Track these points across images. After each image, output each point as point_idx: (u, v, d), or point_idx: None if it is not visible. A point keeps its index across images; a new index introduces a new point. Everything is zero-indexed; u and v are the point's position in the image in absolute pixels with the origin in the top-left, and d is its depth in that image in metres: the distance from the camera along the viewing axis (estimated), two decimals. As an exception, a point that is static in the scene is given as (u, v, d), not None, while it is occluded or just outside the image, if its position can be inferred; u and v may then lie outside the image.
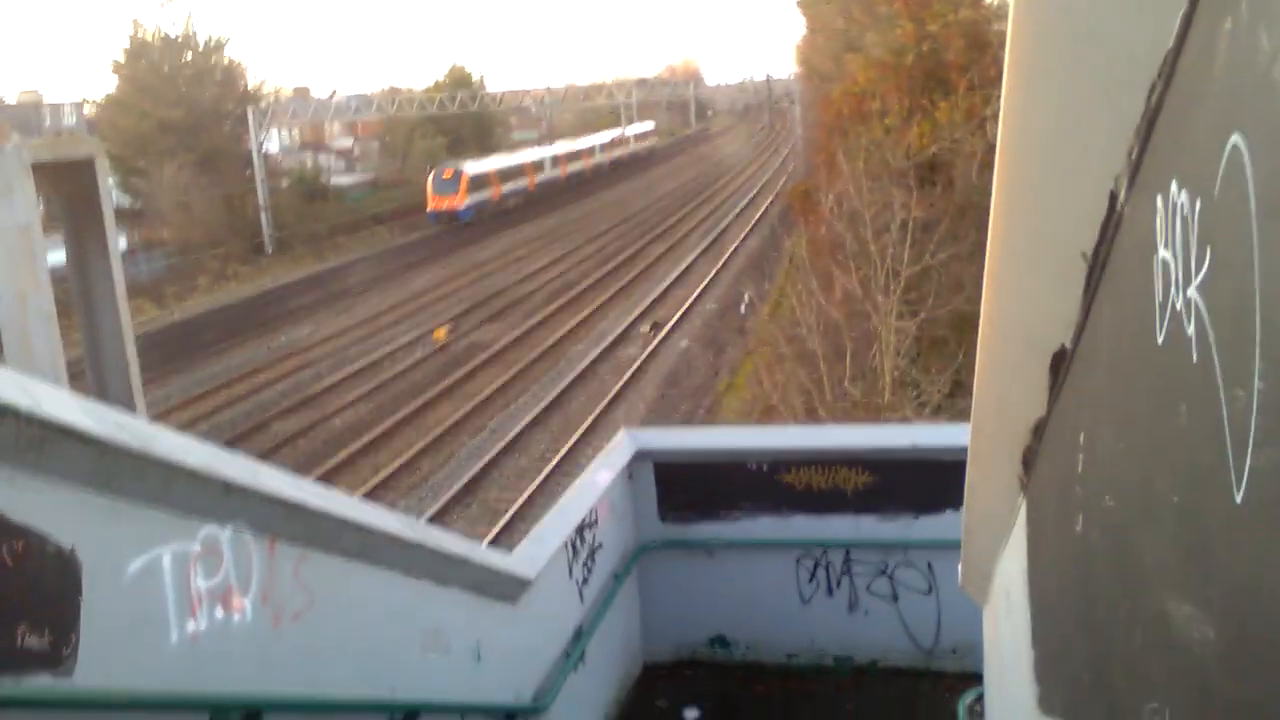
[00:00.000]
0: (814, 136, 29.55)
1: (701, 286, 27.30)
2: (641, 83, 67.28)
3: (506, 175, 43.54)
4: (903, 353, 13.44)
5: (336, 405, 19.20)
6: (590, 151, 54.72)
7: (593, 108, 71.61)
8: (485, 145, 60.45)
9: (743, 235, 34.75)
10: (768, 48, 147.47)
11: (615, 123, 65.06)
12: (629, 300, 26.82)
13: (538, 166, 46.97)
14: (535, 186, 46.06)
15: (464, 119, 58.39)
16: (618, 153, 59.39)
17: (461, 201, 40.08)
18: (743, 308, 24.29)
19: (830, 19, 28.13)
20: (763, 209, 39.54)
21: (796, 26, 63.84)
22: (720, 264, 30.15)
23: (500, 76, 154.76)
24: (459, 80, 61.70)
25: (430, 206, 40.18)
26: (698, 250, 32.93)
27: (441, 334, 24.19)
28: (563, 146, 51.53)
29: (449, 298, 28.88)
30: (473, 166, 41.19)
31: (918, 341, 14.05)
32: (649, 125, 66.51)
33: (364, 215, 42.93)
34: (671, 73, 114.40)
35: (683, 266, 30.35)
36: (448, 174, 40.49)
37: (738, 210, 41.39)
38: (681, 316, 24.37)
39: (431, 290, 30.06)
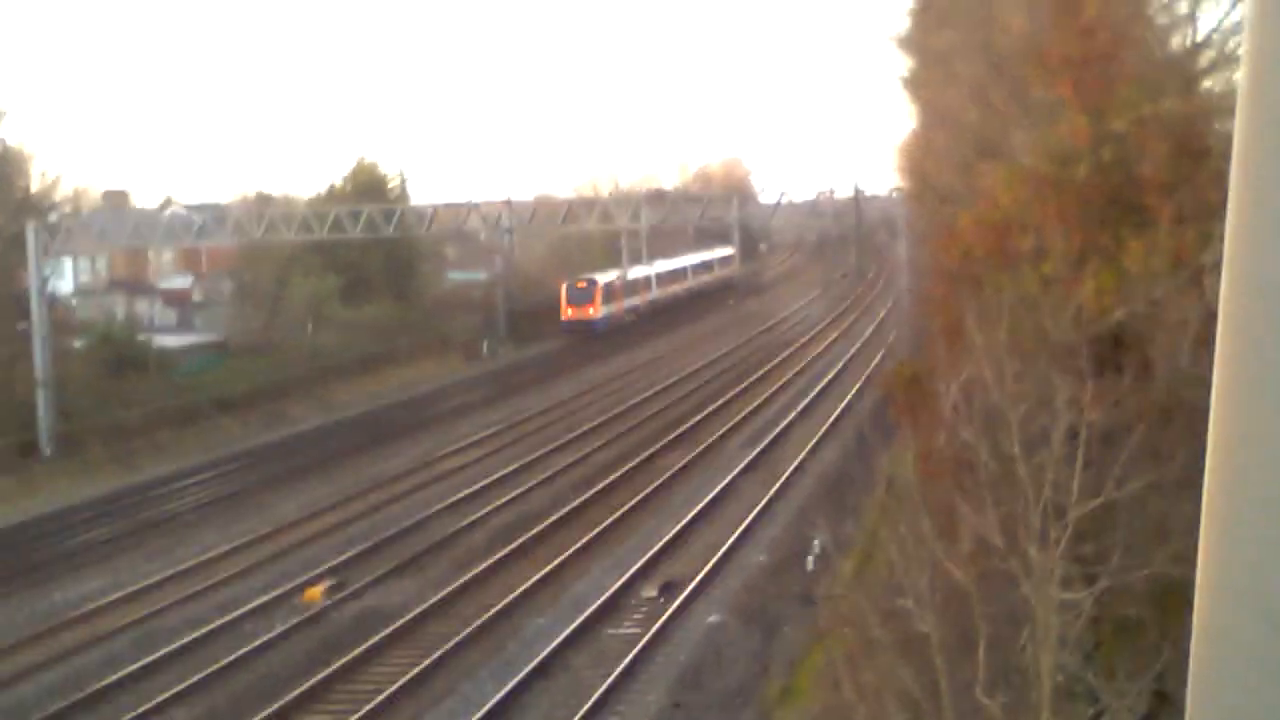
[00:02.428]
0: (928, 289, 30.74)
1: (744, 524, 27.84)
2: (656, 195, 71.58)
3: (630, 289, 68.84)
4: (1072, 643, 13.27)
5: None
6: (685, 273, 79.44)
7: (575, 236, 76.18)
8: (403, 290, 63.32)
9: (811, 442, 35.72)
10: (855, 148, 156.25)
11: (608, 259, 73.82)
12: (625, 543, 27.32)
13: (647, 284, 72.30)
14: (646, 304, 71.35)
15: (371, 248, 61.72)
16: (704, 279, 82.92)
17: (598, 313, 63.99)
18: (810, 561, 24.41)
19: (956, 107, 29.83)
20: (844, 401, 40.60)
21: (901, 118, 67.69)
22: (774, 488, 30.90)
23: (431, 183, 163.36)
24: (367, 184, 65.57)
25: (564, 316, 64.11)
26: (739, 464, 33.81)
27: (317, 593, 24.55)
28: (665, 265, 76.02)
29: (335, 532, 29.45)
30: (603, 277, 66.72)
31: (1096, 625, 13.91)
32: (730, 250, 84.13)
33: (204, 398, 44.18)
34: (703, 182, 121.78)
35: (715, 490, 31.10)
36: (581, 284, 64.77)
37: (804, 403, 42.76)
38: (710, 573, 24.64)
39: (308, 519, 30.59)
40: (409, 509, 31.19)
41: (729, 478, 32.31)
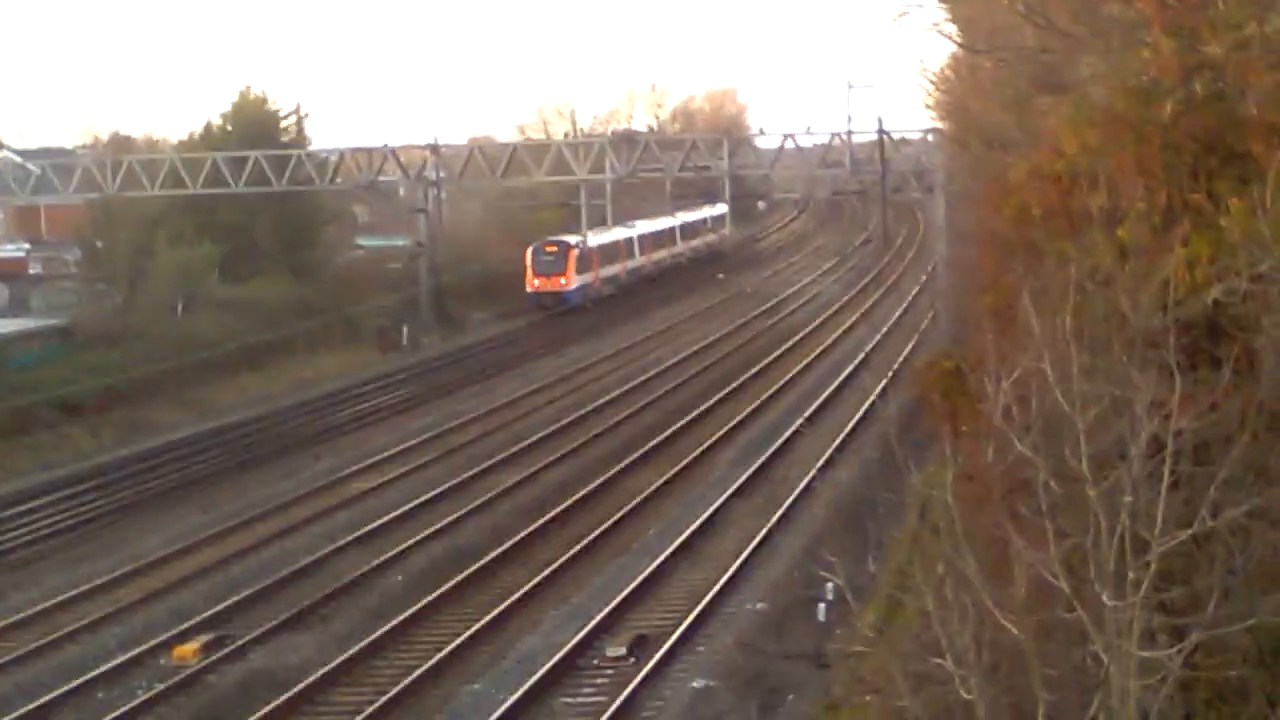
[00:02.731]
0: (972, 260, 30.84)
1: (737, 563, 27.84)
2: (625, 139, 71.71)
3: (607, 255, 72.56)
4: (1155, 713, 13.36)
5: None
6: (672, 236, 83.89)
7: (521, 190, 76.03)
8: (300, 262, 63.12)
9: (823, 458, 35.83)
10: (878, 78, 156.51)
11: (563, 222, 75.48)
12: (585, 587, 27.29)
13: (628, 249, 76.33)
14: (626, 274, 75.47)
15: (260, 207, 61.38)
16: (694, 244, 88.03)
17: (570, 283, 67.33)
18: (822, 610, 24.45)
19: (1007, 28, 29.72)
20: (864, 405, 40.73)
21: (937, 41, 67.71)
22: (775, 516, 30.92)
23: (336, 123, 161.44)
24: (254, 124, 65.06)
25: (530, 288, 67.41)
26: (730, 485, 33.91)
27: (189, 652, 24.48)
28: (648, 226, 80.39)
29: (213, 572, 29.39)
30: (577, 240, 69.43)
31: (1186, 691, 14.00)
32: (722, 209, 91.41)
33: (42, 400, 43.87)
34: (685, 123, 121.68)
35: (699, 518, 31.13)
36: (550, 249, 67.49)
37: (814, 407, 43.01)
38: (694, 625, 24.64)
39: (178, 556, 30.53)
40: (308, 543, 31.05)
41: (718, 503, 32.30)
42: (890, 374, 44.86)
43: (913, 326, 56.70)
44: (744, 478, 34.46)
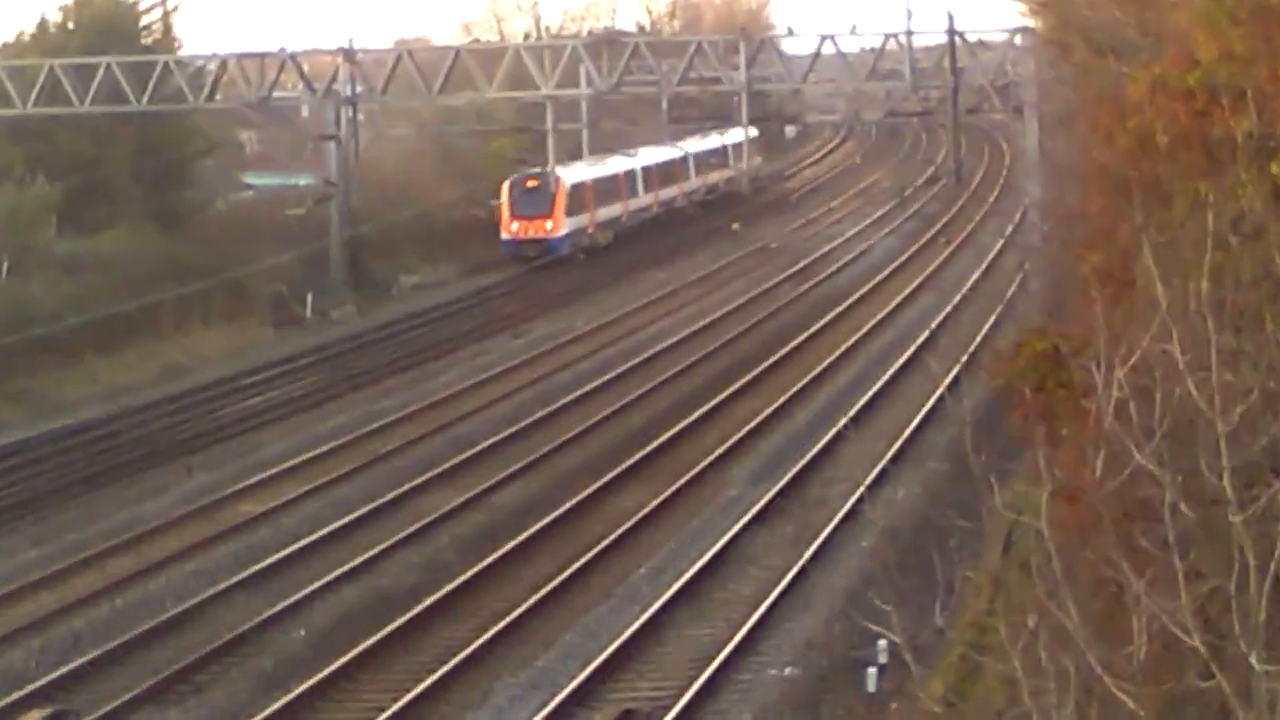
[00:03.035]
0: (1075, 205, 30.78)
1: (756, 613, 27.86)
2: (608, 42, 71.31)
3: (605, 192, 76.51)
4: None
5: None
6: (685, 168, 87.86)
7: (468, 111, 75.64)
8: (168, 207, 62.84)
9: (872, 472, 35.82)
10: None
11: (527, 157, 75.28)
12: (554, 645, 27.22)
13: (630, 184, 79.97)
14: (629, 216, 79.14)
15: (114, 134, 60.89)
16: (712, 178, 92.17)
17: (558, 228, 70.19)
18: (870, 676, 24.48)
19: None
20: (929, 402, 40.72)
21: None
22: (808, 552, 30.95)
23: (216, 23, 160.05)
24: (104, 22, 64.36)
25: (506, 232, 70.72)
26: (746, 509, 33.96)
27: None
28: (655, 154, 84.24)
29: (52, 625, 29.14)
30: (567, 172, 72.62)
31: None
32: (750, 132, 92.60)
33: None
34: (686, 22, 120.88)
35: (705, 553, 31.15)
36: (532, 183, 70.61)
37: (860, 404, 43.09)
38: (699, 697, 24.58)
39: (4, 605, 30.28)
40: (178, 586, 30.97)
41: (731, 532, 32.33)
42: (964, 359, 44.85)
43: (995, 294, 56.72)
44: (767, 498, 34.43)
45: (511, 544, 32.16)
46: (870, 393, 43.87)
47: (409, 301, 64.21)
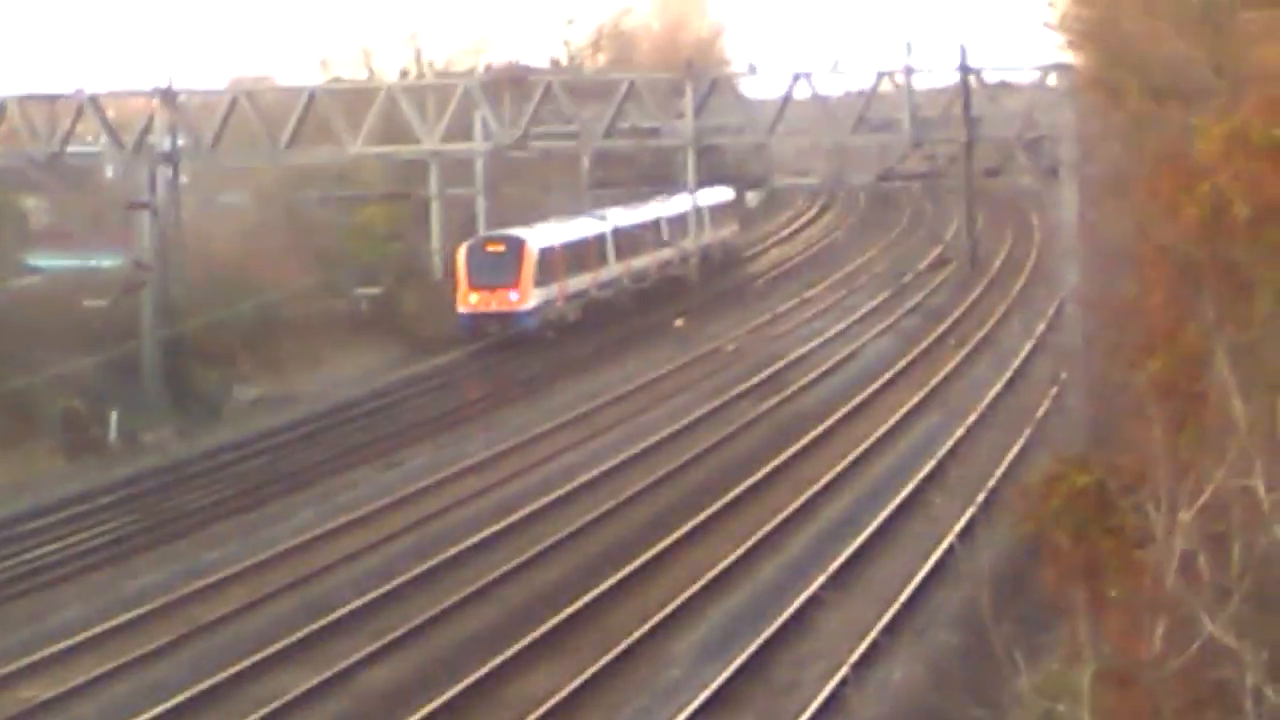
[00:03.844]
0: (1128, 296, 30.90)
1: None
2: (512, 80, 71.29)
3: (574, 258, 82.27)
4: None
5: None
6: (656, 233, 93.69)
7: (327, 171, 75.62)
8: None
9: (860, 646, 35.83)
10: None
11: (400, 225, 76.01)
12: None
13: (599, 251, 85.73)
14: (598, 288, 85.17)
15: None
16: (687, 244, 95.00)
17: (525, 299, 76.02)
18: None
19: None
20: (935, 553, 40.85)
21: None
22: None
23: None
24: None
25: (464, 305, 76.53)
26: (693, 696, 33.89)
27: None
28: (626, 216, 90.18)
29: None
30: (534, 235, 78.82)
31: None
32: (727, 194, 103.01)
33: None
34: (617, 55, 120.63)
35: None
36: (496, 247, 76.94)
37: (845, 556, 43.09)
38: None
39: None
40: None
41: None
42: (982, 498, 44.89)
43: (1022, 413, 56.82)
44: (720, 680, 34.31)
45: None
46: (857, 542, 43.79)
47: (246, 421, 63.86)
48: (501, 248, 75.99)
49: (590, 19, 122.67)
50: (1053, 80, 60.17)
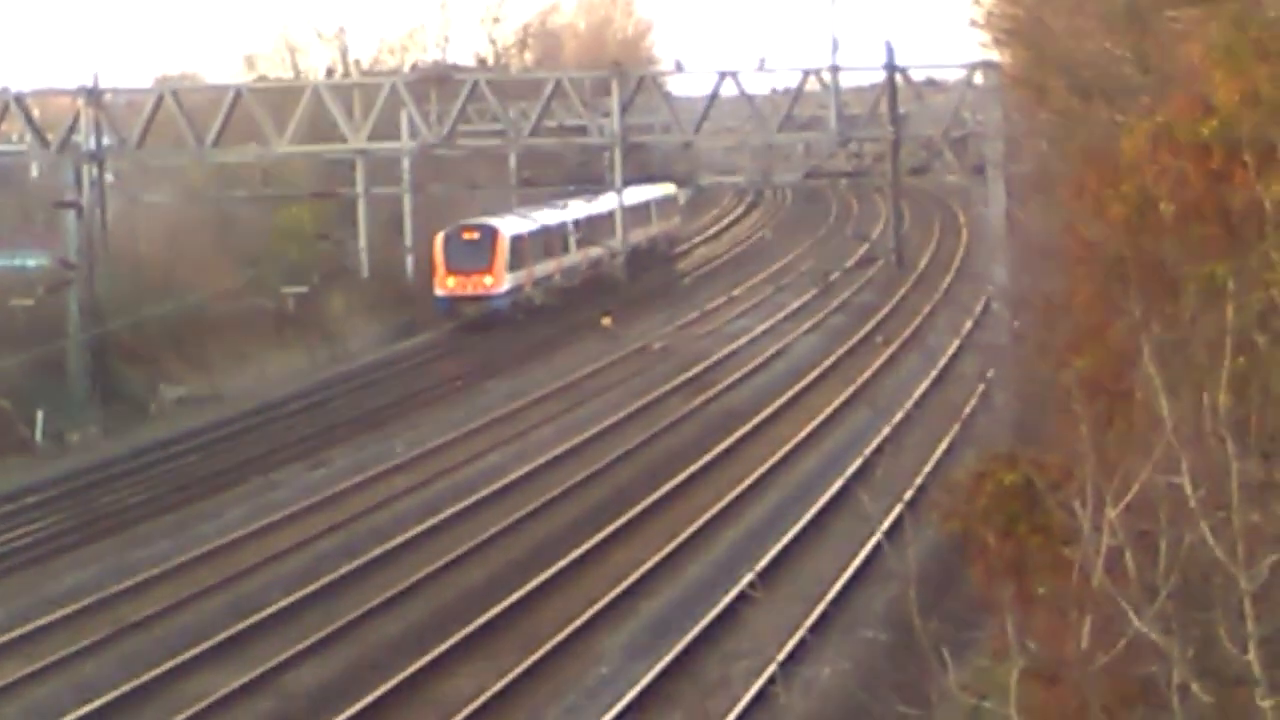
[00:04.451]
0: (1055, 294, 30.93)
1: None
2: (437, 79, 71.04)
3: (542, 245, 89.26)
4: None
5: None
6: (613, 224, 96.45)
7: (251, 171, 75.45)
8: None
9: (787, 643, 35.78)
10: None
11: (325, 223, 76.00)
12: None
13: (562, 239, 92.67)
14: (561, 275, 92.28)
15: None
16: (643, 235, 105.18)
17: (499, 283, 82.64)
18: None
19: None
20: (861, 553, 40.87)
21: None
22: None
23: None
24: None
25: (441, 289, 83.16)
26: (621, 694, 33.83)
27: None
28: (585, 207, 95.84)
29: None
30: (506, 223, 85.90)
31: None
32: (669, 189, 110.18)
33: None
34: (543, 53, 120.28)
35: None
36: (471, 235, 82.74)
37: (772, 552, 43.10)
38: None
39: None
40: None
41: (601, 725, 32.26)
42: (909, 495, 44.91)
43: (948, 410, 56.86)
44: (648, 679, 34.30)
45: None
46: (785, 539, 43.79)
47: (173, 421, 63.69)
48: (476, 235, 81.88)
49: (516, 17, 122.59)
50: (979, 78, 60.47)
